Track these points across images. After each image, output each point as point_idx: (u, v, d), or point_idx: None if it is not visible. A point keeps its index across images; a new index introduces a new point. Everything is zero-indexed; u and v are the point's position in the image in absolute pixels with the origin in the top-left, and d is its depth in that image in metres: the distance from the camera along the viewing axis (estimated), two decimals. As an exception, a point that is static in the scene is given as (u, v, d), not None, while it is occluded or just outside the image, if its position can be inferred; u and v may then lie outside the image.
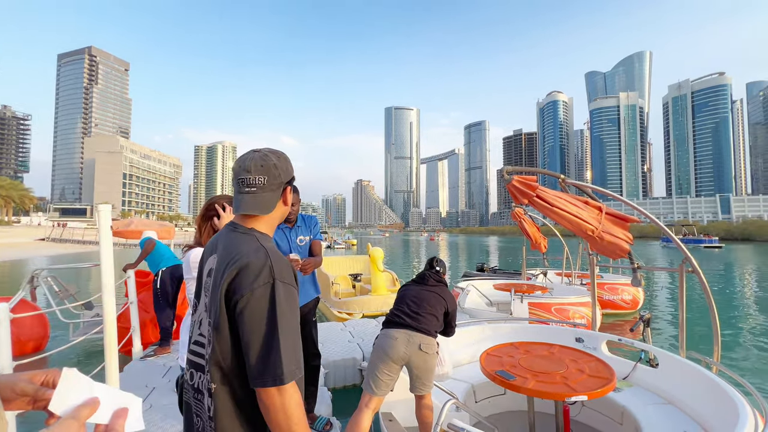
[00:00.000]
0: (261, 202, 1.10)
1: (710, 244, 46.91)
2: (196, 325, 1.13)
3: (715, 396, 2.31)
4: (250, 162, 1.09)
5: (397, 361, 2.35)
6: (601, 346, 3.27)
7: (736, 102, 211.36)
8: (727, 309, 9.67)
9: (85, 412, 0.57)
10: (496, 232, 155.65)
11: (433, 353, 2.44)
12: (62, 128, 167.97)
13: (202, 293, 1.14)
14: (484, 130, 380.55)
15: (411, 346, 2.36)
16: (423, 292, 2.62)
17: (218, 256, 1.09)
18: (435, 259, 2.83)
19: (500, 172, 3.15)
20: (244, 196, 1.09)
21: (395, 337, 2.38)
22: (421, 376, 2.38)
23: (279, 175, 1.11)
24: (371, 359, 2.44)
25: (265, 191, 1.09)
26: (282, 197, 1.15)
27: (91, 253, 32.25)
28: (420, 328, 2.43)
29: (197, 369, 1.08)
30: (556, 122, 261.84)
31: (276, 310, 0.98)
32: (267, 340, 0.96)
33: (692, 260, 2.82)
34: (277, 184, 1.12)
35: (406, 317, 2.46)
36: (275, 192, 1.12)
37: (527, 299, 6.26)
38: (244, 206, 1.09)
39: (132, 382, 3.63)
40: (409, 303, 2.53)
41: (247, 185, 1.09)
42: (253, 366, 0.96)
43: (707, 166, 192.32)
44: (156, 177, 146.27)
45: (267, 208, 1.11)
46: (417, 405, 2.43)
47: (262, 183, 1.09)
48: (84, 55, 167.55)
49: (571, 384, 2.19)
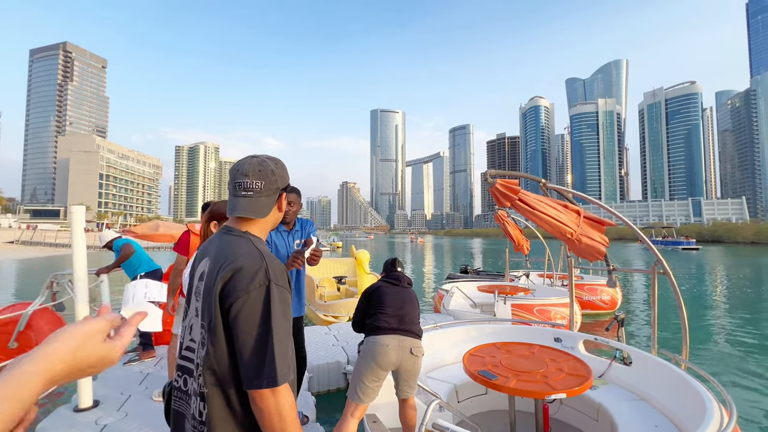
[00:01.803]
0: (257, 205, 1.12)
1: (688, 246, 48.56)
2: (187, 331, 1.12)
3: (684, 392, 2.41)
4: (248, 166, 1.12)
5: (386, 368, 2.32)
6: (578, 345, 3.37)
7: (707, 110, 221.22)
8: (701, 308, 10.10)
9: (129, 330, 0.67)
10: (480, 234, 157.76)
11: (421, 356, 2.44)
12: (34, 126, 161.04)
13: (192, 298, 1.14)
14: (469, 133, 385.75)
15: (402, 351, 2.34)
16: (403, 292, 2.57)
17: (211, 260, 1.09)
18: (397, 260, 2.80)
19: (484, 175, 3.20)
20: (241, 200, 1.11)
21: (386, 343, 2.32)
22: (408, 379, 2.38)
23: (276, 181, 1.14)
24: (358, 367, 2.36)
25: (261, 196, 1.12)
26: (277, 203, 1.17)
27: (64, 256, 31.01)
28: (410, 331, 2.41)
29: (189, 374, 1.08)
30: (538, 127, 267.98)
31: (271, 313, 0.98)
32: (261, 342, 0.96)
33: (663, 262, 2.94)
34: (273, 189, 1.14)
35: (395, 321, 2.41)
36: (271, 197, 1.14)
37: (510, 300, 6.38)
38: (240, 209, 1.11)
39: (107, 390, 3.50)
40: (394, 306, 2.47)
41: (243, 189, 1.11)
42: (247, 368, 0.96)
43: (680, 170, 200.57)
44: (134, 178, 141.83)
45: (262, 212, 1.13)
46: (401, 407, 2.42)
47: (259, 187, 1.11)
48: (59, 50, 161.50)
49: (551, 382, 2.25)
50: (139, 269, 4.60)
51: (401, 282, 2.63)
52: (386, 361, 2.29)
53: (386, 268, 2.79)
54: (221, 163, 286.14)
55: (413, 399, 2.42)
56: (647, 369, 2.86)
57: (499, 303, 6.28)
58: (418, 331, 2.46)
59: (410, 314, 2.47)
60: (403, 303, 2.52)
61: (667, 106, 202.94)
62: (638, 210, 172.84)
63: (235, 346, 0.99)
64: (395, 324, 2.40)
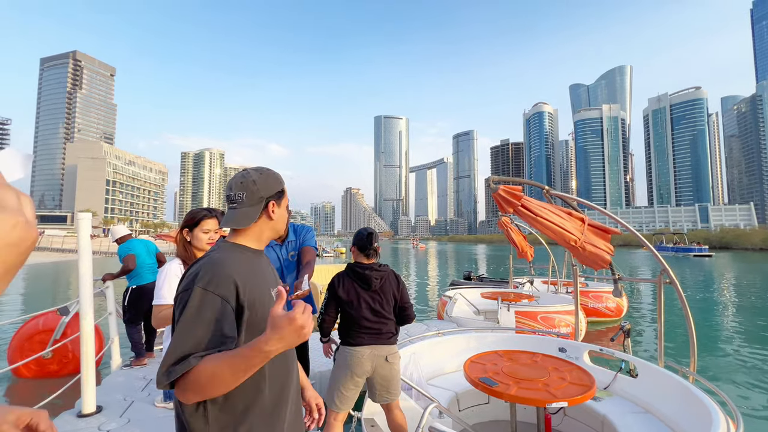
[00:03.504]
0: (239, 216, 1.16)
1: (700, 253, 44.67)
2: None
3: (691, 405, 2.37)
4: (233, 180, 1.19)
5: (362, 376, 2.36)
6: (583, 356, 3.33)
7: (712, 115, 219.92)
8: (711, 318, 9.92)
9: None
10: (484, 240, 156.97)
11: (398, 362, 2.45)
12: (43, 133, 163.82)
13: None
14: (472, 139, 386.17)
15: (377, 359, 2.36)
16: (374, 296, 2.41)
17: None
18: (374, 235, 2.50)
19: (487, 181, 3.19)
20: (228, 212, 1.18)
21: (361, 354, 2.34)
22: (387, 386, 2.39)
23: (258, 191, 1.18)
24: (335, 376, 2.39)
25: (243, 206, 1.16)
26: (264, 211, 1.19)
27: (69, 261, 31.28)
28: (382, 339, 2.39)
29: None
30: (542, 133, 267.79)
31: (181, 316, 0.97)
32: (170, 345, 0.95)
33: (669, 271, 2.91)
34: (256, 198, 1.17)
35: (367, 332, 2.37)
36: (255, 206, 1.17)
37: (514, 308, 6.33)
38: (225, 220, 1.17)
39: (110, 395, 3.52)
40: (370, 319, 2.38)
41: (230, 201, 1.19)
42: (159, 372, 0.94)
43: (686, 176, 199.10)
44: (140, 184, 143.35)
45: (245, 221, 1.16)
46: (387, 414, 2.42)
47: (241, 198, 1.16)
48: (68, 59, 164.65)
49: (553, 391, 2.22)
50: (131, 281, 4.61)
51: (370, 283, 2.39)
52: (362, 370, 2.34)
53: (360, 243, 2.47)
54: (226, 169, 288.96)
55: (398, 403, 2.43)
56: (654, 381, 2.81)
57: (503, 310, 6.24)
58: (392, 335, 2.44)
59: (384, 318, 2.40)
60: (381, 314, 2.40)
61: (672, 111, 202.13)
62: (644, 216, 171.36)
63: None
64: (372, 340, 2.37)
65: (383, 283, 2.45)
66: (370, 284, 2.40)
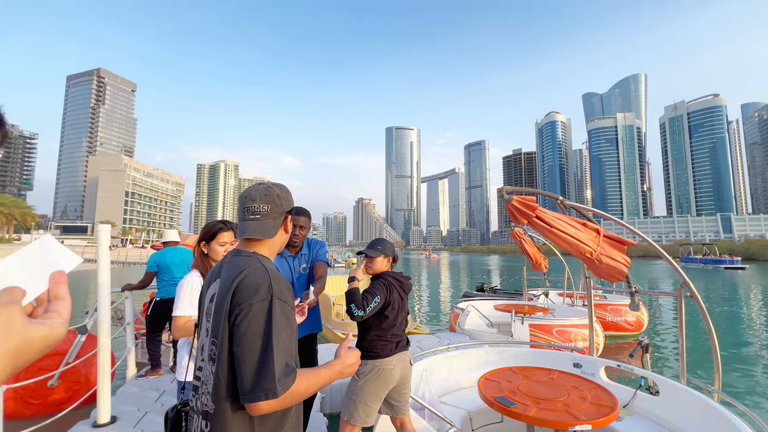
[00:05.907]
0: (264, 227, 1.20)
1: (732, 265, 41.68)
2: (199, 351, 1.17)
3: (717, 425, 2.25)
4: (255, 192, 1.23)
5: (390, 386, 2.35)
6: (599, 372, 3.22)
7: (732, 123, 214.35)
8: (738, 333, 9.49)
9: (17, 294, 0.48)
10: (497, 251, 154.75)
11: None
12: (68, 147, 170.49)
13: (203, 319, 1.19)
14: (484, 149, 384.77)
15: (403, 364, 2.39)
16: (404, 303, 2.51)
17: (221, 280, 1.15)
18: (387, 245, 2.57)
19: (500, 191, 3.15)
20: (249, 223, 1.20)
21: (393, 364, 2.34)
22: (406, 393, 2.39)
23: (281, 204, 1.24)
24: (364, 390, 2.30)
25: (267, 218, 1.21)
26: (283, 225, 1.25)
27: (88, 271, 32.09)
28: (404, 344, 2.45)
29: (197, 392, 1.12)
30: (555, 142, 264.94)
31: (272, 327, 1.01)
32: (261, 356, 0.98)
33: (690, 284, 2.81)
34: (279, 212, 1.23)
35: (397, 339, 2.42)
36: (277, 219, 1.23)
37: (528, 321, 6.19)
38: (249, 231, 1.19)
39: (125, 406, 3.56)
40: (401, 326, 2.45)
41: (252, 213, 1.21)
42: (245, 381, 0.97)
43: (707, 185, 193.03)
44: (158, 195, 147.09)
45: (270, 233, 1.21)
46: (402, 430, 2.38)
47: (266, 210, 1.21)
48: (93, 76, 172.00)
49: (574, 412, 2.14)
50: (158, 293, 4.61)
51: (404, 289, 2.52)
52: (392, 379, 2.34)
53: (395, 255, 2.59)
54: (240, 180, 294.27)
55: (410, 418, 2.43)
56: (676, 399, 2.69)
57: (517, 323, 6.11)
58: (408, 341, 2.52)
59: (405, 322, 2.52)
60: (405, 320, 2.51)
61: (690, 119, 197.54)
62: (663, 226, 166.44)
63: (234, 360, 1.01)
64: (399, 348, 2.41)
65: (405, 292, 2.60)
66: (407, 292, 2.55)
